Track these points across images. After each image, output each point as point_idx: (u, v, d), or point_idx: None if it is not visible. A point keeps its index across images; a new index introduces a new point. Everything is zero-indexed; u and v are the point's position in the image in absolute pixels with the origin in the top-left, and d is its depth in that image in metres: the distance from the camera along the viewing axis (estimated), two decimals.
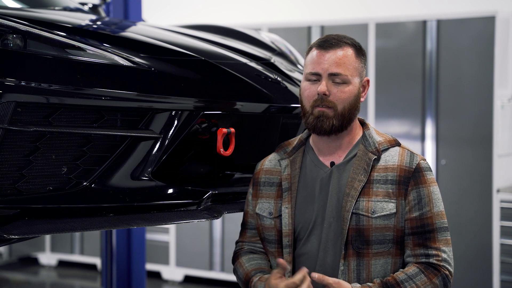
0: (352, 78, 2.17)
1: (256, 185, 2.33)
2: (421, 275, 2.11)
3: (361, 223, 2.13)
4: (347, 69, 2.16)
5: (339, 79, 2.16)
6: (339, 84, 2.16)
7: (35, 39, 2.24)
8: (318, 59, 2.18)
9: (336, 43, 2.18)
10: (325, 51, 2.18)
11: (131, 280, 4.40)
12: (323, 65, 2.17)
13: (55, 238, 6.85)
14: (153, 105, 2.35)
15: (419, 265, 2.13)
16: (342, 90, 2.16)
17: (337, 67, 2.16)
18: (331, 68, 2.16)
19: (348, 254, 2.14)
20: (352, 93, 2.17)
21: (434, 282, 2.11)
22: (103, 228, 2.30)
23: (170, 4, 7.19)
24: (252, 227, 2.34)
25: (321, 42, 2.20)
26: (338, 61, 2.16)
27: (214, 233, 6.06)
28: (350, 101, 2.17)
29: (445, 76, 5.30)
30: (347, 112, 2.17)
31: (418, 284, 2.10)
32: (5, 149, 2.13)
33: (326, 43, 2.19)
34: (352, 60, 2.18)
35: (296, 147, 2.29)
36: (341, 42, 2.19)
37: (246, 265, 2.28)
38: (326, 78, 2.16)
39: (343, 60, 2.16)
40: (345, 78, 2.16)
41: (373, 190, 2.15)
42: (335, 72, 2.16)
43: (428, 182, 2.17)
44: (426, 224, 2.14)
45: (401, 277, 2.11)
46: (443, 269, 2.13)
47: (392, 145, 2.21)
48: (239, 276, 2.30)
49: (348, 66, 2.17)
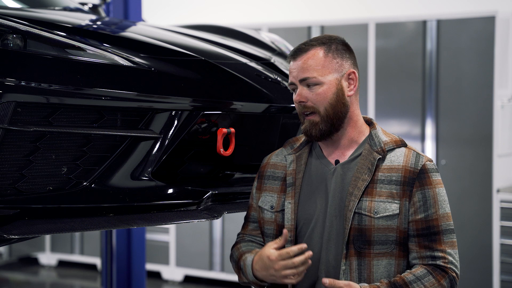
0: (324, 77, 2.17)
1: (261, 178, 2.34)
2: (430, 276, 2.10)
3: (364, 223, 2.12)
4: (314, 71, 2.17)
5: (308, 82, 2.18)
6: (313, 87, 2.18)
7: (35, 39, 2.24)
8: (290, 69, 2.22)
9: (304, 48, 2.20)
10: (295, 60, 2.20)
11: (131, 280, 4.40)
12: (293, 74, 2.20)
13: (55, 238, 6.84)
14: (153, 105, 2.35)
15: (427, 266, 2.12)
16: (316, 93, 2.17)
17: (303, 72, 2.18)
18: (299, 74, 2.18)
19: (349, 253, 2.13)
20: (329, 92, 2.17)
21: (442, 284, 2.10)
22: (103, 228, 2.30)
23: (170, 4, 7.18)
24: (254, 220, 2.35)
25: (293, 52, 2.23)
26: (303, 65, 2.18)
27: (214, 233, 6.06)
28: (329, 101, 2.17)
29: (445, 76, 5.30)
30: (332, 112, 2.17)
31: (426, 285, 2.09)
32: (5, 149, 2.13)
33: (296, 51, 2.21)
34: (319, 59, 2.18)
35: (303, 144, 2.30)
36: (308, 45, 2.20)
37: (242, 249, 2.29)
38: (300, 85, 2.19)
39: (309, 63, 2.17)
40: (315, 80, 2.17)
41: (377, 190, 2.14)
42: (302, 77, 2.18)
43: (434, 184, 2.15)
44: (431, 226, 2.13)
45: (409, 278, 2.10)
46: (450, 271, 2.12)
47: (398, 145, 2.20)
48: (234, 258, 2.29)
49: (316, 67, 2.17)
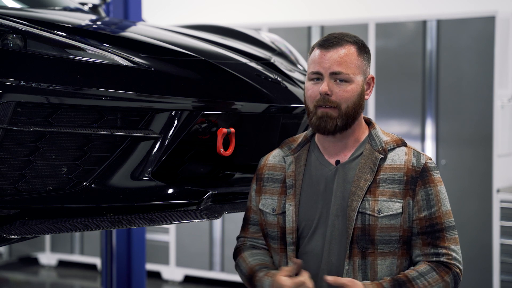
0: (355, 76, 2.16)
1: (259, 180, 2.32)
2: (433, 272, 2.10)
3: (367, 222, 2.12)
4: (348, 68, 2.15)
5: (340, 78, 2.14)
6: (341, 83, 2.14)
7: (35, 39, 2.24)
8: (319, 58, 2.16)
9: (337, 41, 2.17)
10: (327, 50, 2.16)
11: (131, 280, 4.40)
12: (324, 64, 2.15)
13: (55, 238, 6.84)
14: (153, 105, 2.35)
15: (430, 263, 2.13)
16: (345, 89, 2.14)
17: (338, 66, 2.14)
18: (333, 67, 2.14)
19: (353, 253, 2.13)
20: (355, 91, 2.16)
21: (445, 280, 2.11)
22: (103, 228, 2.30)
23: (170, 4, 7.18)
24: (255, 223, 2.33)
25: (323, 41, 2.19)
26: (339, 59, 2.15)
27: (214, 233, 6.06)
28: (353, 100, 2.15)
29: (445, 76, 5.30)
30: (351, 111, 2.16)
31: (430, 282, 2.09)
32: (5, 149, 2.13)
33: (328, 42, 2.17)
34: (354, 58, 2.17)
35: (301, 144, 2.28)
36: (343, 40, 2.18)
37: (249, 260, 2.27)
38: (328, 77, 2.15)
39: (345, 59, 2.15)
40: (347, 76, 2.14)
41: (379, 189, 2.14)
42: (337, 71, 2.14)
43: (435, 182, 2.16)
44: (435, 223, 2.14)
45: (412, 274, 2.10)
46: (454, 267, 2.13)
47: (399, 144, 2.21)
48: (242, 271, 2.28)
49: (350, 65, 2.15)
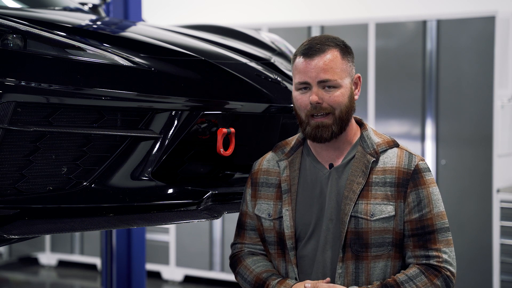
0: (342, 80, 2.14)
1: (254, 185, 2.31)
2: (422, 276, 2.10)
3: (360, 226, 2.12)
4: (335, 73, 2.13)
5: (329, 84, 2.13)
6: (330, 89, 2.13)
7: (35, 39, 2.24)
8: (304, 68, 2.14)
9: (320, 48, 2.14)
10: (311, 58, 2.13)
11: (131, 280, 4.40)
12: (310, 74, 2.13)
13: (55, 238, 6.84)
14: (153, 105, 2.35)
15: (420, 266, 2.12)
16: (334, 95, 2.13)
17: (325, 73, 2.12)
18: (319, 75, 2.12)
19: (346, 257, 2.13)
20: (345, 95, 2.14)
21: (435, 283, 2.10)
22: (103, 228, 2.30)
23: (170, 4, 7.18)
24: (252, 228, 2.32)
25: (305, 50, 2.15)
26: (324, 67, 2.12)
27: (214, 233, 6.06)
28: (345, 104, 2.14)
29: (445, 76, 5.30)
30: (345, 115, 2.15)
31: (418, 285, 2.09)
32: (5, 149, 2.13)
33: (311, 50, 2.14)
34: (339, 62, 2.14)
35: (294, 148, 2.27)
36: (325, 45, 2.14)
37: (252, 268, 2.25)
38: (316, 86, 2.13)
39: (330, 65, 2.12)
40: (335, 82, 2.13)
41: (372, 192, 2.14)
42: (324, 78, 2.12)
43: (427, 183, 2.15)
44: (426, 225, 2.13)
45: (401, 278, 2.10)
46: (444, 270, 2.11)
47: (391, 146, 2.20)
48: (246, 279, 2.25)
49: (336, 70, 2.13)
